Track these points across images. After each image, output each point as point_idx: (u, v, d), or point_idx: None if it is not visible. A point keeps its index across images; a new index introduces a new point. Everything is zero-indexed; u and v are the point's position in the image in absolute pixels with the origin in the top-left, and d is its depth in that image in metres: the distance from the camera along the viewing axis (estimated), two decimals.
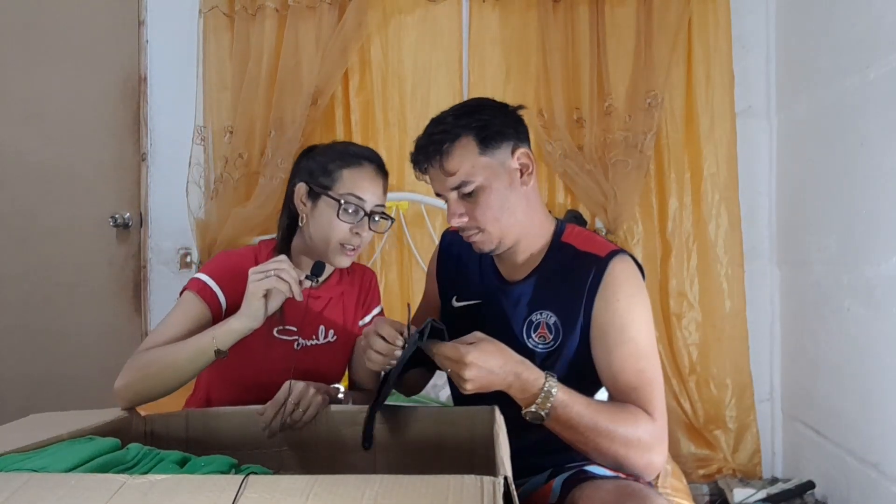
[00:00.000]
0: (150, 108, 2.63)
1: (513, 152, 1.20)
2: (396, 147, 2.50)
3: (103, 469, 0.89)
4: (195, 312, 1.28)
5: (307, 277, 1.24)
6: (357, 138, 2.49)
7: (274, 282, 1.17)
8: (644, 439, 1.07)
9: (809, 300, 2.22)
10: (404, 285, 2.51)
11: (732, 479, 2.32)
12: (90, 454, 0.91)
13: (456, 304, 1.34)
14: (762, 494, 2.13)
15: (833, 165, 2.06)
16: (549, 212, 1.31)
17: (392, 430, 1.15)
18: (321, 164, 1.34)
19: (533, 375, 1.04)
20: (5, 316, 2.51)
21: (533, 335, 1.22)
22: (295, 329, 1.37)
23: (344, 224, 1.30)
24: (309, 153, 1.40)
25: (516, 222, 1.20)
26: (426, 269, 1.57)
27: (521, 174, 1.21)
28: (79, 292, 2.58)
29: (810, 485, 2.12)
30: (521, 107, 1.25)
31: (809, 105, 2.21)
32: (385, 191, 1.37)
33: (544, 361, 1.20)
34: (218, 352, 1.18)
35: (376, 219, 1.35)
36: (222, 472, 0.92)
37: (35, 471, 0.84)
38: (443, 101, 2.49)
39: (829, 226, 2.07)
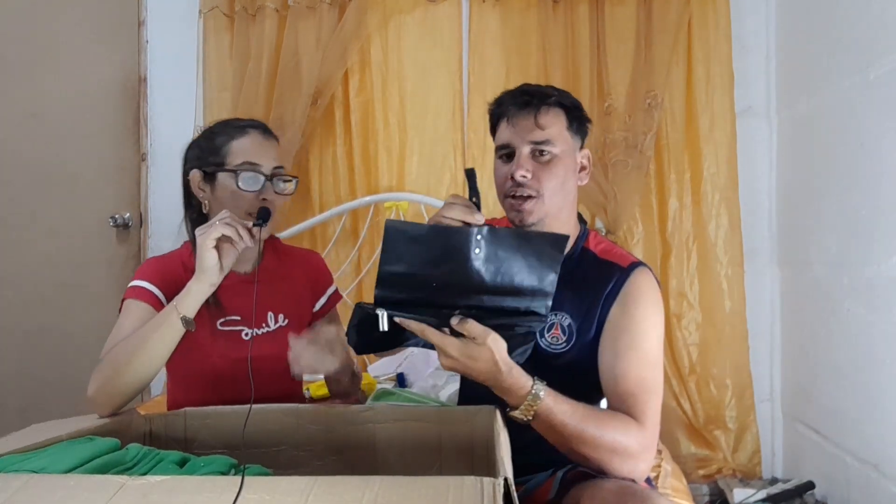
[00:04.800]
0: (150, 108, 2.63)
1: (580, 148, 1.27)
2: (396, 147, 2.50)
3: (103, 470, 0.89)
4: (140, 313, 1.27)
5: (254, 224, 1.23)
6: (357, 138, 2.49)
7: (220, 227, 1.16)
8: (631, 447, 1.07)
9: (809, 300, 2.22)
10: None
11: (732, 479, 2.32)
12: (89, 455, 0.91)
13: None
14: (762, 495, 2.13)
15: (833, 165, 2.06)
16: (584, 220, 1.33)
17: (392, 430, 1.15)
18: (207, 147, 1.34)
19: (519, 382, 1.03)
20: (5, 316, 2.51)
21: (546, 335, 1.23)
22: (239, 318, 1.35)
23: (247, 193, 1.29)
24: (191, 144, 1.40)
25: (562, 208, 1.24)
26: None
27: (580, 171, 1.27)
28: (79, 292, 2.57)
29: (810, 485, 2.12)
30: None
31: (809, 105, 2.21)
32: (277, 153, 1.36)
33: (555, 362, 1.21)
34: (184, 320, 1.18)
35: (280, 182, 1.34)
36: (222, 473, 0.92)
37: (34, 471, 0.84)
38: (443, 101, 2.49)
39: (829, 226, 2.07)
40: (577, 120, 1.25)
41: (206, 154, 1.34)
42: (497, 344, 1.00)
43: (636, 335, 1.16)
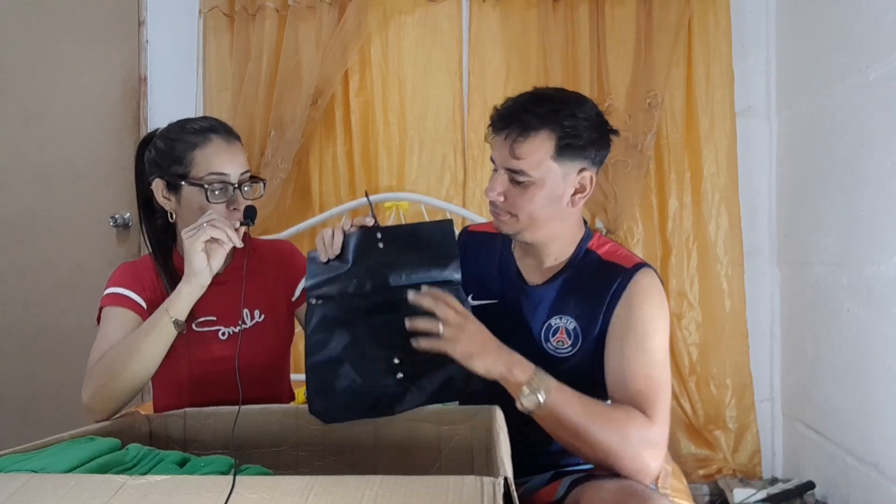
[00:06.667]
0: (150, 108, 2.63)
1: (579, 171, 1.20)
2: (396, 147, 2.49)
3: (103, 469, 0.89)
4: (123, 318, 1.27)
5: (242, 223, 1.23)
6: (357, 138, 2.49)
7: (209, 230, 1.16)
8: (638, 438, 1.07)
9: (809, 300, 2.22)
10: None
11: (732, 479, 2.31)
12: (90, 454, 0.91)
13: (472, 302, 1.32)
14: (762, 495, 2.13)
15: (833, 165, 2.06)
16: (585, 221, 1.31)
17: (392, 430, 1.15)
18: (167, 154, 1.30)
19: (520, 357, 1.08)
20: (5, 316, 2.51)
21: (551, 339, 1.22)
22: (215, 318, 1.34)
23: (217, 205, 1.27)
24: (147, 145, 1.36)
25: (546, 225, 1.21)
26: None
27: (574, 194, 1.21)
28: (79, 292, 2.57)
29: (810, 485, 2.12)
30: (616, 131, 1.26)
31: (809, 105, 2.21)
32: (243, 153, 1.33)
33: (561, 366, 1.20)
34: (176, 323, 1.18)
35: (247, 188, 1.32)
36: (222, 473, 0.92)
37: (35, 471, 0.84)
38: (443, 101, 2.49)
39: (829, 226, 2.07)
40: (574, 147, 1.17)
41: (167, 162, 1.30)
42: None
43: (643, 336, 1.15)
